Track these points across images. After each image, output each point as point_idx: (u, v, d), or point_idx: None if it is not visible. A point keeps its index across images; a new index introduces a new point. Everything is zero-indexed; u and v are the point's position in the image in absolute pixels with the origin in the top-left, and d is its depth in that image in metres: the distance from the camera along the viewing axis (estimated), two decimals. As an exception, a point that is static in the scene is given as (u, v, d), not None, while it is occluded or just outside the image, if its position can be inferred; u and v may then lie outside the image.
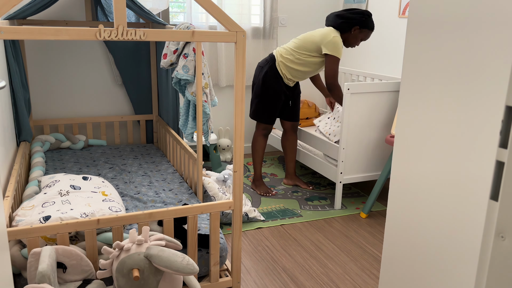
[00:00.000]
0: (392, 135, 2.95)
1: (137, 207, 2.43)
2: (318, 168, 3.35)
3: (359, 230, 2.89)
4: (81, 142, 3.45)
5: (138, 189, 2.68)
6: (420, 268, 1.38)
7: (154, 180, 2.82)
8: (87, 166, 3.06)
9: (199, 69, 2.40)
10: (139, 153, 3.38)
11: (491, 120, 1.10)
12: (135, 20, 3.49)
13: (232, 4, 3.94)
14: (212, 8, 1.76)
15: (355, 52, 4.17)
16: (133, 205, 2.45)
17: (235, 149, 1.97)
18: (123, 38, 1.66)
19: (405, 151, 1.41)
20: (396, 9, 3.64)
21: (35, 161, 2.86)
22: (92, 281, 1.81)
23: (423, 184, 1.34)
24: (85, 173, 2.92)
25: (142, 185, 2.73)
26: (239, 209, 2.07)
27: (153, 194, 2.60)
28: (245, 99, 2.62)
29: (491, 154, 1.11)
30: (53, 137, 3.38)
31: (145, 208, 2.42)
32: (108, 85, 3.66)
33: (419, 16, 1.30)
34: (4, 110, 2.56)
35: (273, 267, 2.45)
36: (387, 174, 2.97)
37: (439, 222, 1.29)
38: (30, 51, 3.39)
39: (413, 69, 1.34)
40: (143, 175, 2.91)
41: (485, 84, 1.11)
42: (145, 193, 2.60)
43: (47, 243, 1.85)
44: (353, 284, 2.31)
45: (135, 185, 2.73)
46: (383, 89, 3.07)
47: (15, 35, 1.54)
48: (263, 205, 3.19)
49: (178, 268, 1.67)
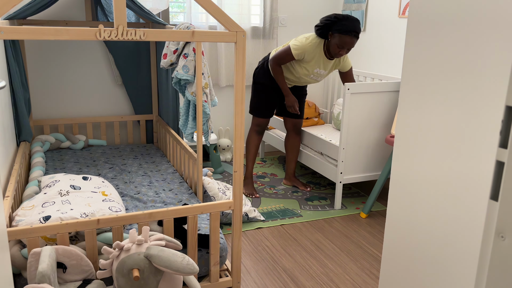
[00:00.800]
0: (392, 135, 2.95)
1: (137, 207, 2.43)
2: (318, 168, 3.35)
3: (359, 230, 2.89)
4: (81, 142, 3.45)
5: (138, 189, 2.67)
6: (420, 268, 1.38)
7: (154, 180, 2.82)
8: (87, 166, 3.06)
9: (199, 69, 2.40)
10: (139, 153, 3.38)
11: (491, 120, 1.10)
12: (135, 20, 3.49)
13: (232, 4, 3.93)
14: (212, 8, 1.76)
15: (355, 52, 4.17)
16: (133, 205, 2.45)
17: (235, 149, 1.97)
18: (123, 38, 1.66)
19: (405, 151, 1.41)
20: (396, 9, 3.64)
21: (35, 161, 2.86)
22: (92, 281, 1.81)
23: (423, 184, 1.34)
24: (85, 173, 2.92)
25: (142, 185, 2.73)
26: (239, 209, 2.07)
27: (153, 194, 2.60)
28: (245, 99, 2.62)
29: (491, 154, 1.10)
30: (53, 137, 3.38)
31: (145, 208, 2.42)
32: (108, 85, 3.65)
33: (419, 16, 1.30)
34: (4, 110, 2.56)
35: (273, 267, 2.45)
36: (387, 174, 2.97)
37: (439, 222, 1.29)
38: (30, 51, 3.39)
39: (413, 69, 1.34)
40: (143, 175, 2.91)
41: (485, 84, 1.11)
42: (145, 193, 2.60)
43: (47, 243, 1.85)
44: (353, 284, 2.31)
45: (135, 185, 2.73)
46: (383, 89, 3.07)
47: (15, 35, 1.54)
48: (263, 205, 3.19)
49: (178, 268, 1.67)
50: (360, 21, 4.00)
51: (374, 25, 3.88)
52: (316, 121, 4.19)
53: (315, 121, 4.18)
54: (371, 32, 3.92)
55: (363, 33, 4.03)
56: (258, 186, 3.55)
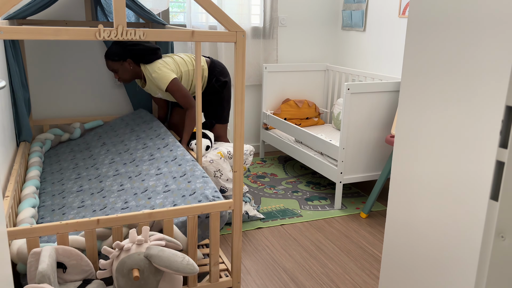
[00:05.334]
0: (392, 135, 2.95)
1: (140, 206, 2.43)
2: (318, 168, 3.35)
3: (359, 230, 2.89)
4: (78, 130, 3.40)
5: (140, 168, 2.52)
6: (420, 268, 1.38)
7: (162, 165, 2.53)
8: (83, 159, 2.94)
9: (199, 69, 2.40)
10: (135, 125, 3.16)
11: (491, 120, 1.10)
12: (135, 20, 3.49)
13: (232, 4, 3.93)
14: (212, 8, 1.76)
15: (356, 52, 4.17)
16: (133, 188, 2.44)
17: (235, 149, 1.97)
18: (123, 38, 1.66)
19: (405, 151, 1.41)
20: (396, 9, 3.64)
21: (32, 161, 2.86)
22: (92, 281, 1.81)
23: (423, 184, 1.34)
24: (82, 167, 2.81)
25: (143, 161, 2.55)
26: (239, 209, 2.07)
27: (155, 170, 2.45)
28: (245, 99, 2.62)
29: (491, 154, 1.10)
30: (52, 133, 3.35)
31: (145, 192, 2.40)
32: (108, 85, 3.66)
33: (419, 16, 1.30)
34: (4, 110, 2.56)
35: (273, 267, 2.45)
36: (387, 174, 2.97)
37: (439, 222, 1.29)
38: (30, 51, 3.39)
39: (413, 69, 1.34)
40: (150, 159, 2.57)
41: (485, 84, 1.11)
42: (147, 172, 2.48)
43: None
44: (353, 284, 2.31)
45: (136, 164, 2.56)
46: (383, 89, 3.07)
47: (15, 35, 1.54)
48: (263, 205, 3.19)
49: (178, 268, 1.67)
50: (360, 21, 4.00)
51: (374, 25, 3.88)
52: (316, 121, 4.19)
53: (315, 121, 4.18)
54: (371, 32, 3.92)
55: (363, 33, 4.03)
56: (258, 186, 3.56)
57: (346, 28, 4.23)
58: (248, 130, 4.39)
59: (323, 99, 4.39)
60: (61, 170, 2.82)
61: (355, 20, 4.07)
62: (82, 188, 2.45)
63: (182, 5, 3.88)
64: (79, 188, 2.46)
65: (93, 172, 2.61)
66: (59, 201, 2.38)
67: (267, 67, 4.05)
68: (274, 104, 4.17)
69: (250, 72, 4.17)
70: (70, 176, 2.65)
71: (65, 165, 2.90)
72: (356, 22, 4.06)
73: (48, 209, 2.31)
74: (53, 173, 2.80)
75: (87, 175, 2.59)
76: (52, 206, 2.33)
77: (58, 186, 2.56)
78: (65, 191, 2.47)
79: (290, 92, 4.22)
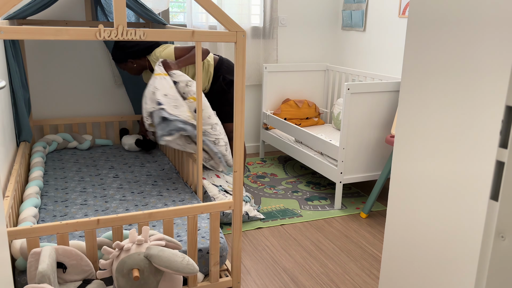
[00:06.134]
0: (392, 135, 2.96)
1: (138, 207, 2.43)
2: (318, 168, 3.35)
3: (359, 230, 2.89)
4: (87, 142, 3.45)
5: (143, 188, 2.67)
6: (420, 268, 1.38)
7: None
8: (86, 165, 3.06)
9: (199, 69, 2.40)
10: (146, 161, 3.29)
11: (491, 120, 1.10)
12: (135, 20, 3.49)
13: (232, 4, 3.93)
14: (212, 8, 1.76)
15: (356, 52, 4.17)
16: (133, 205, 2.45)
17: (235, 149, 1.97)
18: (123, 38, 1.66)
19: (405, 151, 1.41)
20: (396, 9, 3.64)
21: (34, 161, 2.86)
22: (92, 281, 1.81)
23: (423, 184, 1.34)
24: (84, 173, 2.92)
25: (147, 184, 2.73)
26: (239, 209, 2.07)
27: (156, 193, 2.60)
28: (245, 99, 2.62)
29: (491, 154, 1.11)
30: (61, 137, 3.39)
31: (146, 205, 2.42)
32: (108, 85, 3.66)
33: (419, 16, 1.30)
34: (4, 110, 2.56)
35: (273, 267, 2.45)
36: (387, 174, 2.97)
37: (439, 222, 1.29)
38: (30, 51, 3.39)
39: (413, 69, 1.34)
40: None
41: (485, 84, 1.11)
42: (149, 193, 2.61)
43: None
44: (353, 284, 2.31)
45: (139, 184, 2.73)
46: (383, 89, 3.07)
47: (15, 35, 1.54)
48: (263, 205, 3.19)
49: (178, 268, 1.67)
50: (360, 21, 4.00)
51: (374, 25, 3.88)
52: (316, 121, 4.19)
53: (315, 121, 4.18)
54: (371, 32, 3.92)
55: (363, 33, 4.03)
56: (258, 186, 3.56)
57: (346, 28, 4.23)
58: (248, 130, 4.39)
59: (323, 99, 4.39)
60: (65, 178, 2.83)
61: (355, 20, 4.07)
62: (86, 203, 2.48)
63: (182, 5, 3.88)
64: (84, 202, 2.49)
65: (99, 191, 2.65)
66: (62, 208, 2.40)
67: (267, 67, 4.05)
68: (274, 104, 4.18)
69: (250, 72, 4.17)
70: (75, 187, 2.69)
71: (70, 175, 2.91)
72: (356, 22, 4.06)
73: (50, 214, 2.33)
74: (57, 179, 2.81)
75: (93, 192, 2.63)
76: (54, 212, 2.36)
77: (61, 193, 2.59)
78: (69, 200, 2.51)
79: (290, 92, 4.22)
